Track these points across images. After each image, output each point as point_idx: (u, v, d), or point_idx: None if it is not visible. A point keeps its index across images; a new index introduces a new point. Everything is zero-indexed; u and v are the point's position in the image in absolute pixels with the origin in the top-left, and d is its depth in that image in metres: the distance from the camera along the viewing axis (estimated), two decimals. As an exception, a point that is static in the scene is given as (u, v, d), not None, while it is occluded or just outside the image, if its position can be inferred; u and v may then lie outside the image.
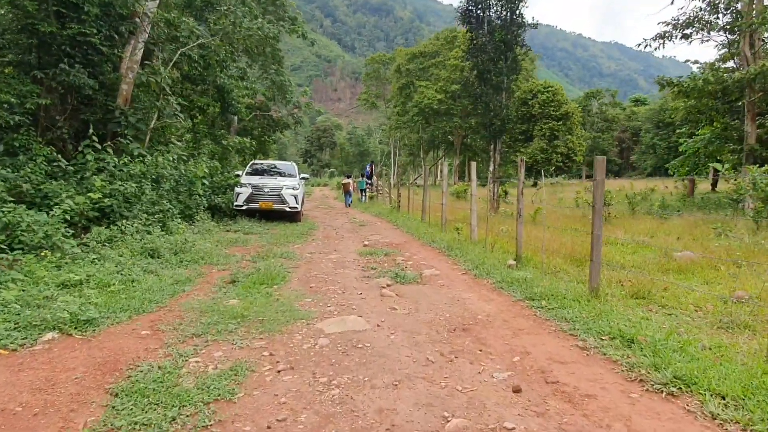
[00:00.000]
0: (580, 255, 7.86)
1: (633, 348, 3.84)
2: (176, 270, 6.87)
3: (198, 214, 11.50)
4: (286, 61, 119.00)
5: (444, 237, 10.43)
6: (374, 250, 9.18)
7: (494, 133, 13.96)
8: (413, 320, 4.89)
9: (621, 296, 5.56)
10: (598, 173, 5.27)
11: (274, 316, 4.83)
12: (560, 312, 4.91)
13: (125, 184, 8.82)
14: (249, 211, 13.71)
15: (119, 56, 13.01)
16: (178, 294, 5.67)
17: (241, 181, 13.93)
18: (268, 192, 13.62)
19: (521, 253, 7.48)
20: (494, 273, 6.80)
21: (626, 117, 65.66)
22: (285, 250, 8.96)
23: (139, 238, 8.01)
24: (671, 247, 8.44)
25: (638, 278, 6.15)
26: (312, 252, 9.11)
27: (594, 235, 5.32)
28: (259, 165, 15.70)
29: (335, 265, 7.91)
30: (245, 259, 8.03)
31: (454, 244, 9.38)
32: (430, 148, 52.70)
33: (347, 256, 8.74)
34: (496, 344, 4.17)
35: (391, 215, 16.70)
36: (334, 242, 10.65)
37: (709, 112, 14.55)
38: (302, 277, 6.90)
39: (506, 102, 14.17)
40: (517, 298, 5.64)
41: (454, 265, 7.81)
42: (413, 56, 48.24)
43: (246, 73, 20.13)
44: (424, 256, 8.70)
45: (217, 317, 4.73)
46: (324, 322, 4.78)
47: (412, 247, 9.90)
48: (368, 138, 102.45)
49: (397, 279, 6.70)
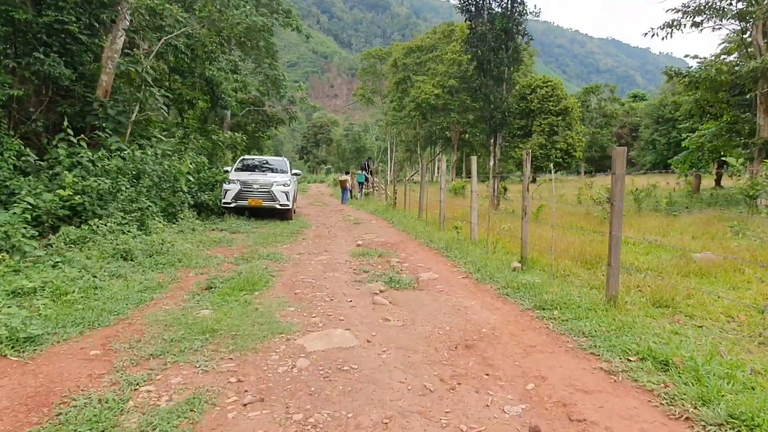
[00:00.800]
0: (589, 256, 7.26)
1: (669, 373, 3.23)
2: (148, 274, 6.25)
3: (182, 213, 10.87)
4: (283, 58, 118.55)
5: (442, 236, 9.83)
6: (368, 251, 8.56)
7: (495, 127, 13.31)
8: (408, 334, 4.28)
9: (641, 304, 4.96)
10: (618, 166, 4.66)
11: (249, 330, 4.22)
12: (576, 324, 4.30)
13: (99, 180, 8.17)
14: (238, 208, 13.07)
15: (101, 46, 12.37)
16: (144, 303, 5.04)
17: (230, 177, 13.29)
18: (257, 189, 12.98)
19: (527, 254, 6.87)
20: (498, 277, 6.19)
21: (625, 113, 65.11)
22: (272, 251, 8.33)
23: (113, 238, 7.38)
24: (688, 247, 7.85)
25: (658, 283, 5.55)
26: (301, 253, 8.49)
27: (612, 237, 4.72)
28: (249, 161, 15.06)
29: (325, 267, 7.29)
30: (227, 262, 7.41)
31: (453, 244, 8.77)
32: (427, 144, 52.05)
33: (338, 258, 8.12)
34: (505, 366, 3.56)
35: (387, 213, 16.08)
36: (326, 242, 10.03)
37: (719, 105, 13.95)
38: (287, 281, 6.28)
39: (507, 94, 13.54)
40: (526, 306, 5.03)
41: (454, 268, 7.20)
42: (410, 50, 47.51)
43: (237, 66, 19.44)
44: (421, 258, 8.08)
45: (183, 332, 4.11)
46: (306, 337, 4.17)
47: (409, 247, 9.29)
48: (365, 134, 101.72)
49: (391, 284, 6.09)
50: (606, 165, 56.85)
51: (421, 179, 14.07)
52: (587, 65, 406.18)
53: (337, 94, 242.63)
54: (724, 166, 24.01)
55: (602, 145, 56.30)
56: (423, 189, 13.56)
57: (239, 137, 18.88)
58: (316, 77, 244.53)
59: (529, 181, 6.77)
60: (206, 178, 13.30)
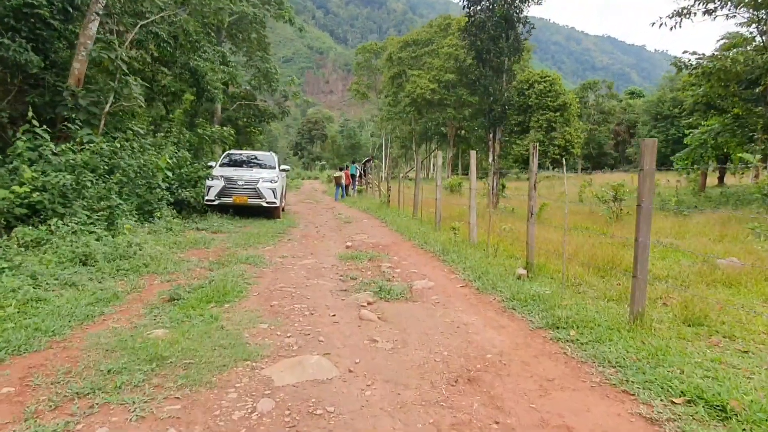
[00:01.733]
0: (601, 262, 6.57)
1: (730, 424, 2.54)
2: (106, 282, 5.52)
3: (159, 211, 10.12)
4: (278, 53, 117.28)
5: (438, 237, 9.12)
6: (357, 254, 7.84)
7: (494, 121, 12.58)
8: (399, 361, 3.57)
9: (669, 322, 4.27)
10: (647, 161, 3.96)
11: (207, 356, 3.50)
12: (598, 349, 3.61)
13: (60, 176, 7.41)
14: (221, 206, 12.33)
15: (75, 32, 11.60)
16: (91, 320, 4.31)
17: (213, 173, 12.53)
18: (242, 185, 12.23)
19: (533, 260, 6.17)
20: (502, 286, 5.49)
21: (622, 110, 64.51)
22: (252, 254, 7.60)
23: (73, 240, 6.64)
24: (709, 251, 7.16)
25: (684, 296, 4.86)
26: (284, 256, 7.76)
27: (639, 244, 4.02)
28: (235, 156, 14.29)
29: (309, 273, 6.57)
30: (200, 266, 6.67)
31: (450, 246, 8.06)
32: (422, 140, 51.31)
33: (325, 261, 7.40)
34: (519, 409, 2.85)
35: (380, 211, 15.36)
36: (313, 243, 9.31)
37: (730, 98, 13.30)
38: (264, 290, 5.56)
39: (507, 85, 12.82)
40: (536, 324, 4.32)
41: (451, 274, 6.49)
42: (405, 44, 46.63)
43: (226, 57, 18.61)
44: (414, 262, 7.37)
45: (127, 359, 3.39)
46: (276, 365, 3.45)
47: (402, 249, 8.58)
48: (360, 131, 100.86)
49: (380, 294, 5.37)
50: (604, 162, 56.31)
51: (416, 176, 13.37)
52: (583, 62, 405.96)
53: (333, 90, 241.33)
54: (727, 163, 23.40)
55: (600, 142, 55.72)
56: (418, 186, 12.85)
57: (227, 131, 18.13)
58: (311, 73, 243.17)
59: (536, 178, 6.06)
60: (188, 174, 12.53)
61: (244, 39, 31.01)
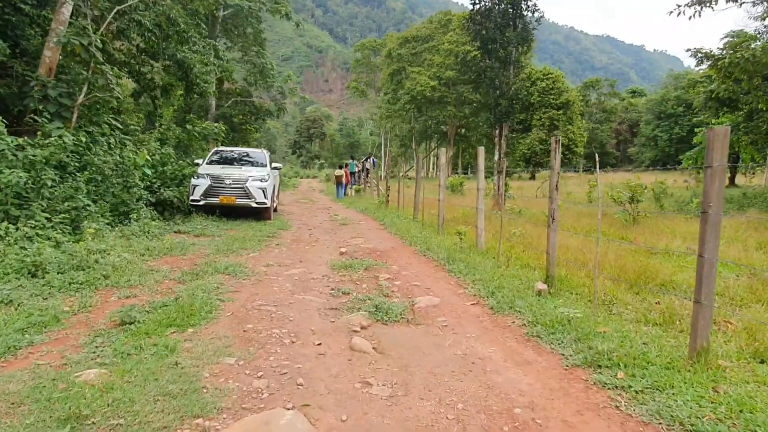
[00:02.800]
0: (631, 274, 5.71)
1: None
2: (52, 299, 4.65)
3: (137, 212, 9.25)
4: (277, 51, 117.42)
5: (442, 242, 8.26)
6: (352, 262, 6.98)
7: (500, 116, 11.67)
8: (399, 419, 2.71)
9: (737, 357, 3.42)
10: (717, 156, 3.10)
11: (146, 413, 2.64)
12: (661, 401, 2.76)
13: (13, 174, 6.53)
14: (207, 207, 11.46)
15: (49, 18, 10.75)
16: (14, 352, 3.45)
17: (199, 171, 11.65)
18: (230, 184, 11.36)
19: (554, 272, 5.31)
20: (520, 305, 4.63)
21: (623, 108, 63.66)
22: (233, 262, 6.74)
23: (25, 247, 5.77)
24: (750, 261, 6.31)
25: (746, 321, 4.01)
26: (269, 264, 6.90)
27: (705, 261, 3.16)
28: (223, 153, 13.42)
29: (295, 286, 5.71)
30: (170, 278, 5.80)
31: (456, 253, 7.20)
32: (422, 138, 50.41)
33: (315, 271, 6.54)
34: None
35: (379, 212, 14.50)
36: (304, 248, 8.45)
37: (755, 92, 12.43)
38: (240, 309, 4.69)
39: (514, 78, 11.93)
40: (572, 361, 3.46)
41: (459, 288, 5.63)
42: (405, 40, 45.63)
43: (218, 51, 17.71)
44: (416, 272, 6.51)
45: (35, 419, 2.53)
46: (235, 427, 2.59)
47: (402, 256, 7.71)
48: (359, 129, 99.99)
49: (377, 314, 4.51)
50: (606, 161, 55.48)
51: (416, 175, 12.51)
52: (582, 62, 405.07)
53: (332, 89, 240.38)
54: (738, 162, 22.57)
55: (601, 141, 54.89)
56: (419, 186, 11.99)
57: (218, 127, 17.20)
58: (310, 71, 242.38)
59: (558, 177, 5.21)
60: (172, 172, 11.65)
61: (239, 34, 30.17)
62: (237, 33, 30.80)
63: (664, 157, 47.01)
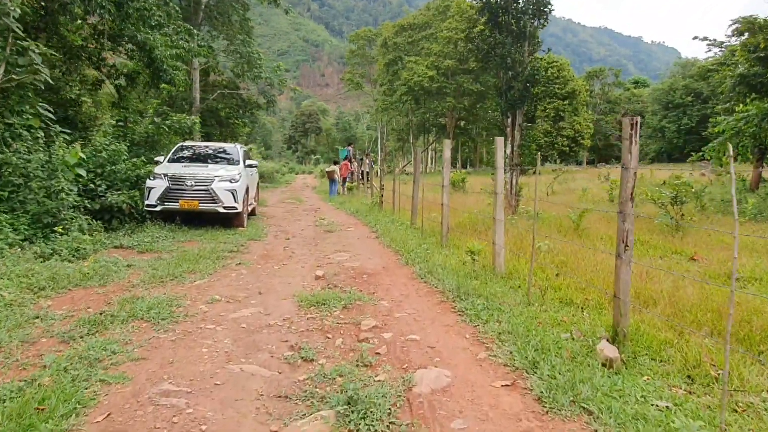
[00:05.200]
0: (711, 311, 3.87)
1: None
2: None
3: (66, 223, 7.40)
4: (273, 46, 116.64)
5: (448, 261, 6.43)
6: (327, 295, 5.14)
7: (513, 101, 9.75)
8: None
9: None
10: None
11: None
12: None
13: None
14: (166, 213, 9.63)
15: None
16: None
17: (156, 170, 9.81)
18: (192, 186, 9.51)
19: (626, 326, 3.46)
20: (586, 394, 2.80)
21: (626, 99, 61.63)
22: (167, 296, 4.91)
23: None
24: None
25: None
26: (215, 299, 5.05)
27: None
28: (189, 148, 11.56)
29: (236, 343, 3.87)
30: (53, 333, 3.95)
31: (467, 280, 5.36)
32: (420, 132, 48.36)
33: (274, 311, 4.71)
34: None
35: (371, 215, 12.65)
36: (272, 269, 6.61)
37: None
38: (124, 406, 2.86)
39: (529, 56, 10.03)
40: None
41: (480, 347, 3.78)
42: (401, 28, 43.49)
43: (193, 33, 15.67)
44: (415, 313, 4.67)
45: None
46: None
47: (396, 283, 5.88)
48: (356, 123, 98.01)
49: (348, 420, 2.68)
50: (610, 154, 53.51)
51: (414, 172, 10.67)
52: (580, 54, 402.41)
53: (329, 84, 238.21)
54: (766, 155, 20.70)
55: (606, 133, 52.96)
56: (417, 186, 10.15)
57: (191, 120, 15.28)
58: (307, 66, 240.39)
59: (635, 179, 3.35)
60: (124, 172, 9.78)
61: (224, 22, 28.29)
62: (222, 21, 28.95)
63: (671, 149, 45.17)
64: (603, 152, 53.91)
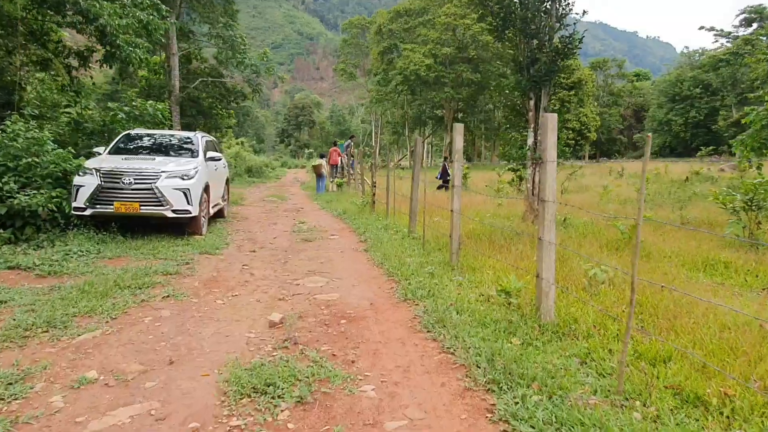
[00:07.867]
0: None
1: None
2: None
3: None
4: (267, 39, 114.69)
5: (466, 299, 4.42)
6: (276, 372, 3.14)
7: (538, 77, 7.67)
8: None
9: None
10: None
11: None
12: None
13: None
14: (99, 218, 7.59)
15: None
16: None
17: (86, 164, 7.75)
18: (129, 184, 7.44)
19: None
20: None
21: (628, 93, 59.67)
22: (5, 374, 2.89)
23: None
24: None
25: None
26: (90, 378, 3.04)
27: None
28: (138, 136, 9.49)
29: None
30: None
31: (503, 342, 3.36)
32: (416, 125, 46.23)
33: (176, 412, 2.69)
34: None
35: (361, 218, 10.62)
36: (212, 306, 4.58)
37: None
38: None
39: (558, 21, 7.98)
40: None
41: None
42: (397, 14, 41.20)
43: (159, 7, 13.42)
44: (422, 421, 2.66)
45: None
46: None
47: (390, 338, 3.86)
48: (351, 117, 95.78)
49: None
50: (613, 148, 51.58)
51: (413, 167, 8.68)
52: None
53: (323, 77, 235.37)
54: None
55: (609, 127, 51.01)
56: (416, 186, 8.14)
57: (157, 106, 13.08)
58: (301, 59, 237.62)
59: None
60: (45, 167, 7.70)
61: (205, 4, 26.22)
62: (203, 2, 26.89)
63: (681, 143, 43.27)
64: (606, 147, 51.96)
